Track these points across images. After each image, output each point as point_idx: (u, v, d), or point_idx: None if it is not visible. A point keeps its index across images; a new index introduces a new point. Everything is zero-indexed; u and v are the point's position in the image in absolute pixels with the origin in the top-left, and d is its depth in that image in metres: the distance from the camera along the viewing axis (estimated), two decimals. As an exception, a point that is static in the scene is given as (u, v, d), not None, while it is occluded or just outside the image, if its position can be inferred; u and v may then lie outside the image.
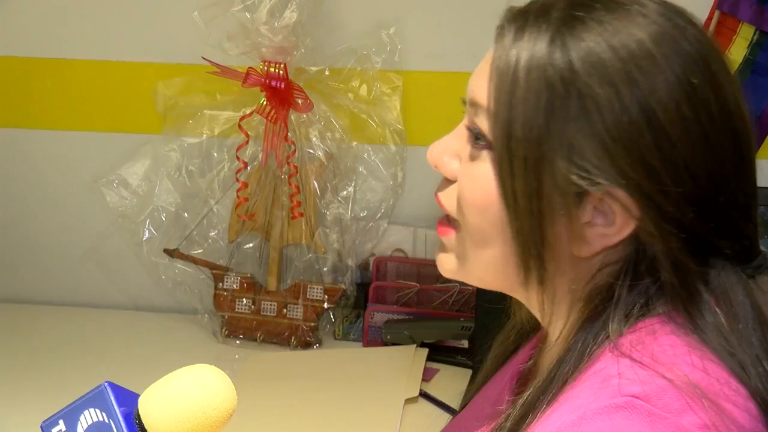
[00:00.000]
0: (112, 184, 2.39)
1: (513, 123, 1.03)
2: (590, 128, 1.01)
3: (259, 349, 2.32)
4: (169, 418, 1.08)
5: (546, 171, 1.03)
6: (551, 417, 1.01)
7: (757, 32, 2.17)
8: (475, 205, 1.08)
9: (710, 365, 1.01)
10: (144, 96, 2.40)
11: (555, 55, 1.02)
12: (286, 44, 2.23)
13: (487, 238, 1.09)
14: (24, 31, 2.44)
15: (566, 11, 1.04)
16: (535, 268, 1.07)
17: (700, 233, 1.04)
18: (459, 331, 2.24)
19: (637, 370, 0.99)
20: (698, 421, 0.96)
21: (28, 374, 2.17)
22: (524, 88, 1.03)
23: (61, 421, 1.10)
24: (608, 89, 1.00)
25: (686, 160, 1.02)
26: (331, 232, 2.35)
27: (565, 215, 1.04)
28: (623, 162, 1.01)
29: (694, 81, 1.02)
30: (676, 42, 1.04)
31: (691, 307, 1.05)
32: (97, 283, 2.52)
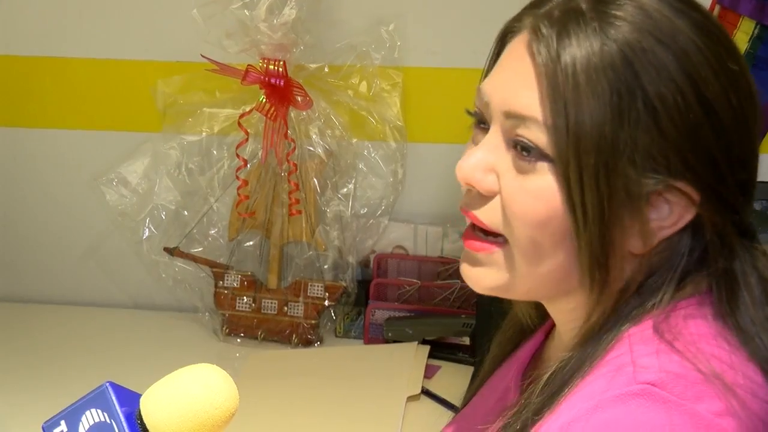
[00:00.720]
0: (111, 183, 2.39)
1: (580, 134, 1.01)
2: (658, 128, 1.00)
3: (260, 348, 2.32)
4: (171, 418, 1.08)
5: (618, 177, 1.01)
6: (566, 406, 1.01)
7: (758, 26, 2.16)
8: (534, 219, 1.05)
9: (735, 353, 1.02)
10: (143, 94, 2.39)
11: (612, 58, 1.01)
12: (286, 41, 2.22)
13: (543, 251, 1.06)
14: (22, 29, 2.44)
15: (601, 10, 1.03)
16: (600, 275, 1.05)
17: (745, 216, 1.06)
18: (460, 327, 2.24)
19: (653, 356, 0.99)
20: (714, 408, 0.96)
21: (28, 374, 2.17)
22: (587, 96, 1.01)
23: (63, 422, 1.10)
24: (671, 87, 1.00)
25: (738, 147, 1.04)
26: (331, 230, 2.35)
27: (629, 217, 1.03)
28: (692, 157, 1.01)
29: (734, 68, 1.03)
30: (709, 30, 1.05)
31: (732, 291, 1.06)
32: (98, 282, 2.52)
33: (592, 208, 1.02)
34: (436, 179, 2.35)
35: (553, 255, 1.06)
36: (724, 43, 1.05)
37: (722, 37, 1.05)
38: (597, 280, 1.05)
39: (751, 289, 1.06)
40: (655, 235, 1.05)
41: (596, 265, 1.04)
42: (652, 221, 1.04)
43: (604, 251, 1.03)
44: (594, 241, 1.03)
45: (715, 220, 1.04)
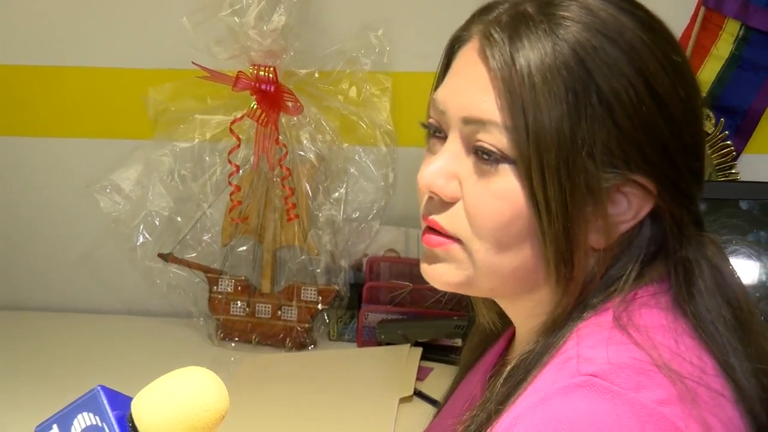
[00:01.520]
0: (105, 190, 2.39)
1: (540, 133, 1.02)
2: (614, 122, 1.02)
3: (255, 351, 2.32)
4: (161, 421, 1.08)
5: (579, 173, 1.03)
6: (517, 403, 1.03)
7: (743, 27, 2.17)
8: (499, 221, 1.06)
9: (685, 341, 1.04)
10: (135, 102, 2.40)
11: (565, 58, 1.02)
12: (275, 48, 2.23)
13: (508, 249, 1.07)
14: (12, 38, 2.45)
15: (547, 11, 1.05)
16: (565, 270, 1.06)
17: (698, 204, 1.08)
18: (452, 329, 2.24)
19: (600, 348, 1.00)
20: (657, 396, 0.97)
21: (23, 380, 2.17)
22: (544, 96, 1.02)
23: (55, 426, 1.11)
24: (622, 81, 1.02)
25: (688, 136, 1.06)
26: (323, 234, 2.35)
27: (591, 212, 1.05)
28: (646, 148, 1.03)
29: (678, 59, 1.06)
30: (652, 25, 1.07)
31: (689, 279, 1.07)
32: (92, 289, 2.52)
33: (556, 205, 1.03)
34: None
35: (518, 253, 1.07)
36: (667, 38, 1.07)
37: (665, 33, 1.07)
38: (563, 275, 1.06)
39: (705, 278, 1.08)
40: (617, 228, 1.07)
41: (561, 261, 1.05)
42: (612, 216, 1.06)
43: (569, 247, 1.05)
44: (559, 237, 1.04)
45: (672, 210, 1.06)
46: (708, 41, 2.19)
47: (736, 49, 2.18)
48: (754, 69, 2.19)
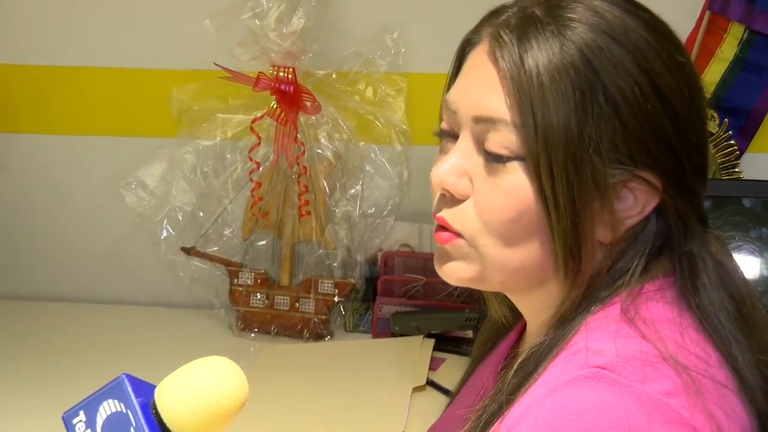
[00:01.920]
0: (130, 186, 2.39)
1: (548, 130, 1.02)
2: (620, 120, 1.03)
3: (273, 342, 2.32)
4: (183, 408, 1.08)
5: (586, 169, 1.03)
6: (530, 391, 1.02)
7: (747, 31, 2.16)
8: (507, 216, 1.06)
9: (690, 334, 1.04)
10: (159, 101, 2.40)
11: (572, 58, 1.02)
12: (295, 49, 2.23)
13: (517, 244, 1.07)
14: (43, 40, 2.45)
15: (554, 14, 1.05)
16: (573, 263, 1.06)
17: (701, 200, 1.08)
18: (464, 321, 2.24)
19: (605, 341, 1.00)
20: (663, 388, 0.97)
21: (51, 368, 2.18)
22: (552, 95, 1.02)
23: (82, 412, 1.11)
24: (628, 80, 1.02)
25: (692, 134, 1.06)
26: (340, 229, 2.35)
27: (598, 207, 1.05)
28: (651, 145, 1.03)
29: (682, 60, 1.06)
30: (656, 26, 1.07)
31: (694, 273, 1.07)
32: (118, 281, 2.52)
33: (564, 200, 1.03)
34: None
35: (526, 248, 1.07)
36: (672, 39, 1.07)
37: (669, 34, 1.07)
38: (571, 268, 1.06)
39: (709, 272, 1.08)
40: (623, 223, 1.07)
41: (570, 255, 1.05)
42: (619, 211, 1.06)
43: (577, 241, 1.05)
44: (567, 232, 1.04)
45: (677, 205, 1.06)
46: (713, 44, 2.18)
47: (740, 51, 2.17)
48: (758, 71, 2.18)
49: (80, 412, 1.10)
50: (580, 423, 0.94)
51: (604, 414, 0.94)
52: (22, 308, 2.49)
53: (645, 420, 0.94)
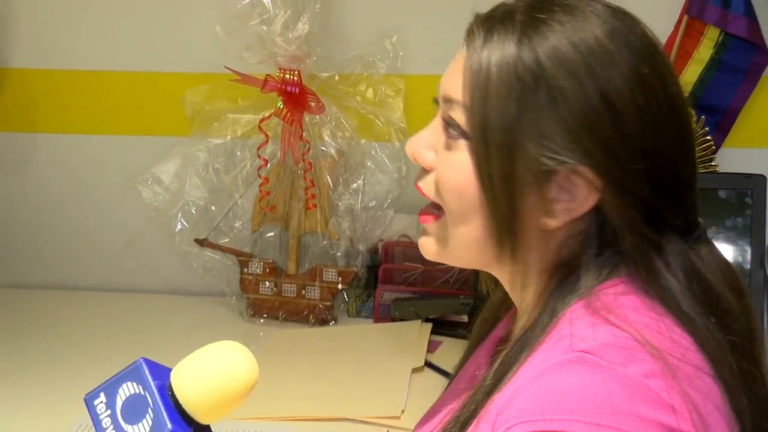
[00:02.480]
0: (146, 182, 2.40)
1: (488, 114, 1.05)
2: (558, 115, 1.03)
3: (281, 327, 2.32)
4: (198, 390, 1.08)
5: (519, 154, 1.04)
6: (516, 377, 1.03)
7: (722, 34, 2.16)
8: (454, 189, 1.09)
9: (662, 319, 1.03)
10: (173, 103, 2.40)
11: (523, 54, 1.04)
12: (300, 53, 2.23)
13: (465, 218, 1.10)
14: (65, 46, 2.45)
15: (529, 14, 1.07)
16: (509, 242, 1.09)
17: (653, 205, 1.05)
18: (459, 307, 2.24)
19: (588, 328, 1.00)
20: (643, 370, 0.97)
21: (74, 352, 2.18)
22: (497, 84, 1.05)
23: (102, 394, 1.11)
24: (572, 81, 1.03)
25: (640, 140, 1.04)
26: (343, 221, 2.35)
27: (534, 193, 1.06)
28: (588, 143, 1.03)
29: (644, 71, 1.05)
30: (626, 38, 1.06)
31: (649, 271, 1.06)
32: (135, 271, 2.53)
33: (498, 180, 1.05)
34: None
35: (472, 223, 1.09)
36: (640, 51, 1.06)
37: (640, 47, 1.06)
38: (509, 247, 1.08)
39: (667, 263, 1.06)
40: (565, 214, 1.06)
41: (505, 232, 1.07)
42: (556, 200, 1.06)
43: (511, 220, 1.06)
44: (501, 211, 1.06)
45: (616, 203, 1.04)
46: (690, 46, 2.18)
47: (716, 53, 2.17)
48: (732, 71, 2.18)
49: (101, 394, 1.11)
50: (566, 404, 0.94)
51: (588, 395, 0.95)
52: (47, 297, 2.49)
53: (627, 400, 0.94)
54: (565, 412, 0.94)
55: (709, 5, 2.14)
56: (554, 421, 0.94)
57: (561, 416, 0.94)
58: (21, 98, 2.47)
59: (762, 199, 2.10)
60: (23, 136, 2.51)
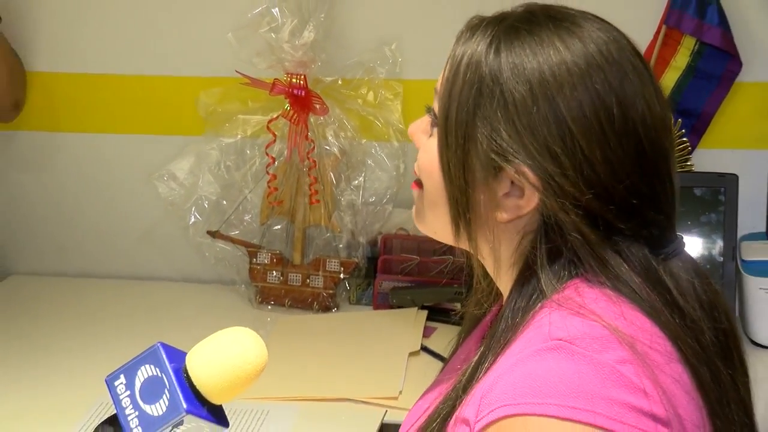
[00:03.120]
0: (163, 178, 2.39)
1: (451, 105, 1.07)
2: (507, 116, 1.04)
3: (287, 313, 2.32)
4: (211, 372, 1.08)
5: (472, 146, 1.06)
6: (498, 364, 1.03)
7: (698, 43, 2.16)
8: (425, 170, 1.13)
9: (627, 310, 1.03)
10: (188, 104, 2.39)
11: (489, 56, 1.06)
12: (305, 59, 2.23)
13: (434, 197, 1.13)
14: (86, 51, 2.45)
15: (512, 22, 1.08)
16: (464, 227, 1.11)
17: (598, 212, 1.04)
18: (453, 295, 2.24)
19: (565, 319, 1.00)
20: (615, 357, 0.97)
21: (95, 336, 2.18)
22: (462, 79, 1.07)
23: (122, 376, 1.10)
24: (525, 87, 1.03)
25: (584, 151, 1.03)
26: (345, 215, 2.35)
27: (485, 184, 1.07)
28: (531, 146, 1.03)
29: (597, 87, 1.04)
30: (591, 56, 1.05)
31: (601, 266, 1.05)
32: (153, 260, 2.52)
33: (454, 167, 1.08)
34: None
35: (439, 202, 1.12)
36: (601, 68, 1.04)
37: (602, 64, 1.05)
38: (461, 230, 1.10)
39: (626, 268, 1.05)
40: (514, 210, 1.07)
41: (458, 216, 1.09)
42: (511, 197, 1.06)
43: (463, 205, 1.08)
44: (455, 195, 1.09)
45: (554, 206, 1.03)
46: (668, 54, 2.18)
47: (692, 61, 2.17)
48: (707, 78, 2.17)
49: (121, 376, 1.10)
50: (544, 388, 0.95)
51: (565, 380, 0.95)
52: (70, 284, 2.49)
53: (601, 385, 0.95)
54: (543, 396, 0.94)
55: (686, 16, 2.13)
56: (533, 405, 0.94)
57: (540, 400, 0.94)
58: (45, 100, 2.46)
59: (734, 197, 2.10)
60: (47, 135, 2.50)
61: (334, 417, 1.84)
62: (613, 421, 0.94)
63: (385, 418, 1.84)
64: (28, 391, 1.95)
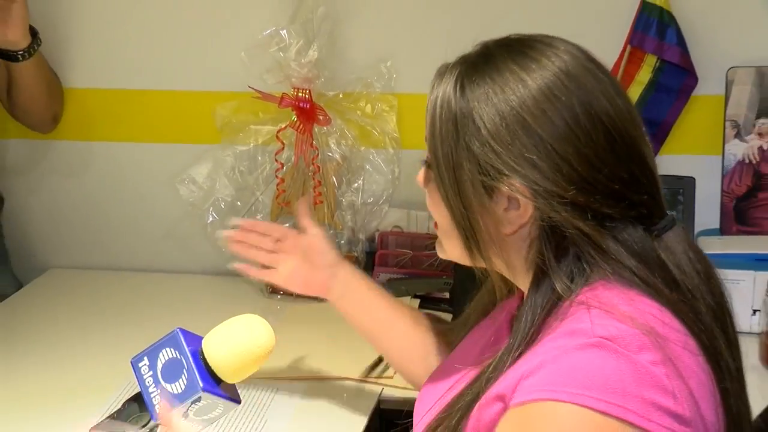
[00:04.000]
0: (184, 182, 2.39)
1: (436, 144, 1.08)
2: (483, 140, 1.04)
3: (295, 302, 2.30)
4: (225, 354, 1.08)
5: (461, 174, 1.06)
6: (530, 356, 1.01)
7: (659, 60, 2.16)
8: (434, 209, 1.13)
9: (658, 311, 1.02)
10: (206, 116, 2.39)
11: (456, 94, 1.06)
12: (310, 75, 2.22)
13: (446, 230, 1.13)
14: (119, 70, 2.45)
15: (471, 60, 1.09)
16: (476, 249, 1.10)
17: (584, 204, 1.03)
18: (442, 285, 2.24)
19: (606, 319, 0.99)
20: (651, 358, 0.97)
21: (124, 322, 2.18)
22: (439, 120, 1.07)
23: (146, 358, 1.11)
24: (491, 111, 1.03)
25: (558, 151, 1.02)
26: (346, 214, 2.34)
27: (482, 205, 1.07)
28: (510, 161, 1.03)
29: (557, 93, 1.03)
30: (546, 68, 1.05)
31: (601, 254, 1.04)
32: (175, 255, 2.52)
33: (452, 197, 1.08)
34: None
35: (451, 232, 1.11)
36: (558, 77, 1.04)
37: (556, 73, 1.05)
38: (474, 251, 1.09)
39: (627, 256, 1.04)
40: (516, 221, 1.06)
41: (469, 239, 1.09)
42: (510, 211, 1.05)
43: (470, 229, 1.07)
44: (460, 222, 1.08)
45: (546, 208, 1.03)
46: (633, 71, 2.17)
47: (654, 76, 2.16)
48: (667, 91, 2.17)
49: (144, 358, 1.11)
50: (585, 381, 0.94)
51: (604, 376, 0.94)
52: (102, 276, 2.49)
53: (635, 384, 0.94)
54: (583, 388, 0.94)
55: (648, 37, 2.13)
56: (574, 394, 0.94)
57: (580, 391, 0.94)
58: (79, 113, 2.46)
59: (691, 197, 2.11)
60: (81, 144, 2.50)
61: (336, 394, 1.84)
62: (642, 418, 0.93)
63: (382, 395, 1.84)
64: (65, 370, 1.95)
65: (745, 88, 2.15)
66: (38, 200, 2.54)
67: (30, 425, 1.74)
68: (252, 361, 1.08)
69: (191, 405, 1.07)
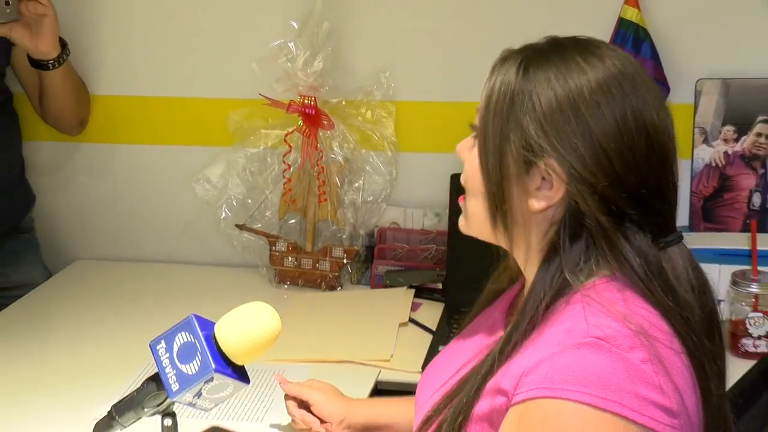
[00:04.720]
0: (199, 181, 2.39)
1: (488, 115, 1.05)
2: (536, 118, 1.02)
3: (300, 292, 2.31)
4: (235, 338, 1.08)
5: (507, 146, 1.03)
6: (530, 348, 0.99)
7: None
8: (469, 175, 1.10)
9: (648, 313, 1.01)
10: (220, 121, 2.38)
11: (519, 75, 1.04)
12: (316, 84, 2.22)
13: (474, 195, 1.09)
14: (140, 78, 2.44)
15: (539, 47, 1.07)
16: (500, 218, 1.07)
17: (611, 198, 1.02)
18: (435, 277, 2.23)
19: (600, 319, 0.98)
20: (640, 356, 0.96)
21: (143, 309, 2.17)
22: (497, 94, 1.05)
23: (163, 341, 1.10)
24: (550, 94, 1.01)
25: (601, 144, 1.01)
26: (347, 212, 2.34)
27: (519, 178, 1.04)
28: (556, 142, 1.01)
29: (613, 90, 1.02)
30: (609, 70, 1.03)
31: (611, 248, 1.02)
32: (191, 248, 2.51)
33: (491, 165, 1.05)
34: (419, 177, 2.34)
35: (479, 198, 1.08)
36: (615, 76, 1.03)
37: (616, 75, 1.03)
38: (499, 221, 1.06)
39: (634, 259, 1.03)
40: (545, 200, 1.04)
41: (496, 210, 1.06)
42: (542, 189, 1.03)
43: (500, 199, 1.05)
44: (493, 191, 1.05)
45: (577, 194, 1.01)
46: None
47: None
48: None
49: (162, 341, 1.10)
50: (582, 378, 0.93)
51: (599, 373, 0.94)
52: (124, 267, 2.48)
53: (629, 380, 0.94)
54: (580, 385, 0.93)
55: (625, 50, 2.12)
56: (570, 391, 0.93)
57: (576, 388, 0.93)
58: (104, 117, 2.45)
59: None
60: (106, 146, 2.49)
61: (337, 375, 1.82)
62: (636, 413, 0.93)
63: (379, 377, 1.84)
64: (89, 351, 1.95)
65: (712, 98, 2.15)
66: (66, 197, 2.54)
67: (58, 401, 1.74)
68: (260, 345, 1.08)
69: (204, 384, 1.07)
